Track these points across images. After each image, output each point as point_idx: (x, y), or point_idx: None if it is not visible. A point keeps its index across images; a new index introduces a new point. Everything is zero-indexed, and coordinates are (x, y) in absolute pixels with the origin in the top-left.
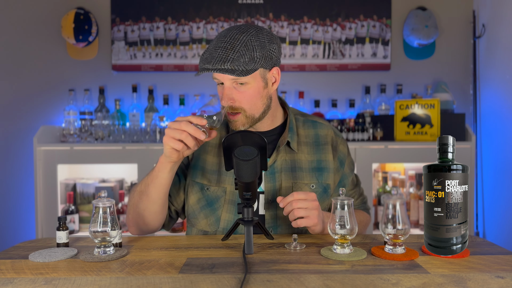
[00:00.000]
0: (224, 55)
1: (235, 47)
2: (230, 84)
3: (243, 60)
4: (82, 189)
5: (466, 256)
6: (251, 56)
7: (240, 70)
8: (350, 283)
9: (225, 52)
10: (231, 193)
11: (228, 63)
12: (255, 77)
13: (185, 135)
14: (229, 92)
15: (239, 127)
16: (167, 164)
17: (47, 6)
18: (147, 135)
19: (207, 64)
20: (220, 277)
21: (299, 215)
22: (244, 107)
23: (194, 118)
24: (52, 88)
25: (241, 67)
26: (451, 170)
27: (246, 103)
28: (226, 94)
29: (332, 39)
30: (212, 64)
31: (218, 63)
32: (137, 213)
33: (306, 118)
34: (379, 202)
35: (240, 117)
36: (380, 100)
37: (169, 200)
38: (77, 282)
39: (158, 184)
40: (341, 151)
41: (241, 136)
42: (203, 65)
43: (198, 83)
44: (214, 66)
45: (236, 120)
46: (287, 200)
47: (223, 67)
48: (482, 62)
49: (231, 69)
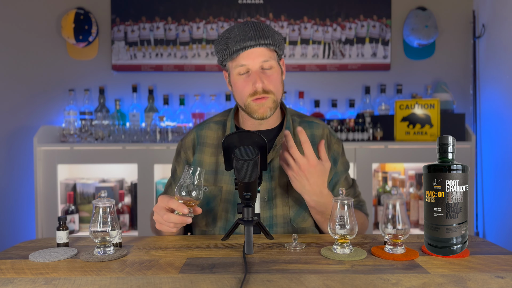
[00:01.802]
0: (261, 33)
1: (264, 28)
2: (258, 68)
3: (277, 37)
4: (82, 189)
5: (466, 256)
6: (278, 37)
7: (277, 46)
8: (350, 283)
9: (260, 32)
10: (227, 192)
11: (269, 39)
12: (276, 62)
13: (173, 224)
14: (260, 75)
15: (267, 112)
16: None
17: (47, 6)
18: (147, 135)
19: (249, 41)
20: (220, 277)
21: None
22: (272, 90)
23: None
24: (52, 88)
25: (277, 43)
26: (451, 170)
27: (273, 86)
28: (259, 76)
29: (332, 39)
30: (255, 40)
31: (261, 39)
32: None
33: (303, 119)
34: (379, 202)
35: (269, 100)
36: (380, 100)
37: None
38: (77, 282)
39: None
40: (335, 150)
41: (241, 136)
42: (243, 44)
43: (198, 83)
44: (258, 42)
45: (264, 102)
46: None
47: (267, 42)
48: (482, 62)
49: (273, 43)
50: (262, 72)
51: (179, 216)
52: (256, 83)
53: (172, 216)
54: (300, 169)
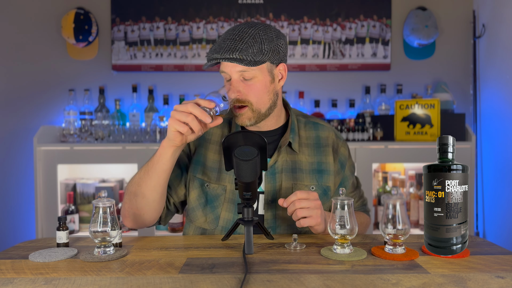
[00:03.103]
0: (233, 45)
1: (244, 38)
2: (237, 77)
3: (251, 51)
4: (82, 189)
5: (466, 256)
6: (260, 48)
7: (248, 60)
8: (350, 283)
9: (233, 43)
10: (231, 192)
11: (237, 53)
12: (262, 71)
13: (191, 118)
14: (236, 85)
15: (245, 121)
16: (169, 149)
17: (47, 6)
18: (147, 135)
19: (215, 54)
20: (220, 277)
21: (302, 215)
22: (251, 100)
23: (202, 101)
24: (52, 88)
25: (249, 57)
26: (451, 170)
27: (253, 96)
28: (234, 86)
29: (332, 39)
30: (220, 54)
31: (227, 53)
32: (135, 202)
33: (308, 119)
34: (379, 202)
35: (247, 110)
36: (380, 100)
37: (168, 192)
38: (77, 282)
39: (159, 169)
40: (342, 154)
41: (241, 136)
42: (211, 55)
43: (198, 83)
44: (223, 56)
45: (242, 113)
46: (290, 199)
47: (232, 56)
48: (482, 62)
49: (240, 58)
50: (241, 81)
51: (203, 111)
52: (230, 92)
53: (196, 107)
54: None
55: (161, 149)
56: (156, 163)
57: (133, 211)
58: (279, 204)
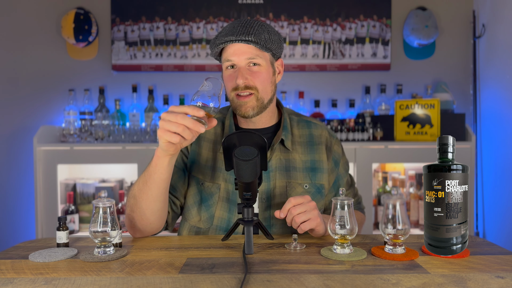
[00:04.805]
0: (246, 30)
1: (254, 26)
2: (245, 65)
3: (263, 37)
4: (82, 189)
5: (466, 256)
6: (268, 36)
7: (261, 44)
8: (350, 283)
9: (246, 28)
10: (225, 191)
11: (252, 36)
12: (267, 61)
13: (182, 129)
14: (244, 72)
15: (249, 111)
16: (164, 158)
17: (47, 6)
18: (147, 135)
19: (230, 36)
20: (220, 277)
21: (301, 220)
22: (258, 87)
23: (191, 109)
24: (52, 88)
25: (262, 42)
26: (451, 170)
27: (259, 84)
28: (242, 73)
29: (332, 39)
30: (236, 35)
31: (242, 35)
32: (139, 215)
33: (301, 118)
34: (379, 202)
35: (252, 98)
36: (380, 100)
37: (174, 195)
38: (77, 282)
39: (157, 180)
40: (336, 152)
41: (241, 136)
42: (225, 38)
43: (198, 83)
44: (238, 37)
45: (247, 101)
46: (285, 208)
47: (248, 38)
48: (482, 62)
49: (255, 41)
50: (248, 69)
51: (195, 121)
52: (237, 78)
53: (187, 118)
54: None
55: (156, 159)
56: (154, 173)
57: (138, 222)
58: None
